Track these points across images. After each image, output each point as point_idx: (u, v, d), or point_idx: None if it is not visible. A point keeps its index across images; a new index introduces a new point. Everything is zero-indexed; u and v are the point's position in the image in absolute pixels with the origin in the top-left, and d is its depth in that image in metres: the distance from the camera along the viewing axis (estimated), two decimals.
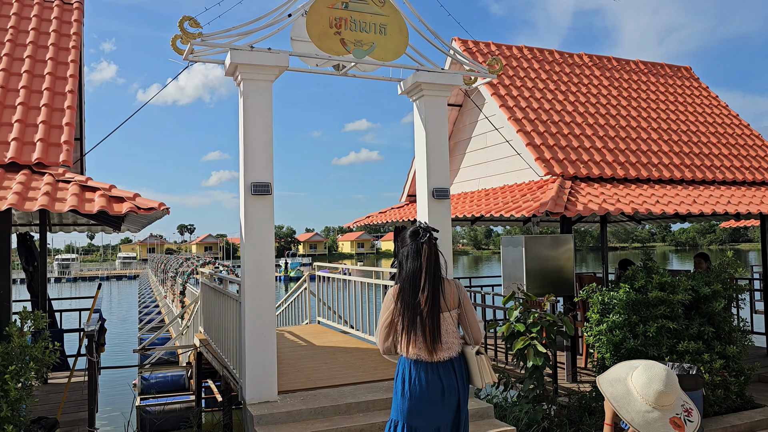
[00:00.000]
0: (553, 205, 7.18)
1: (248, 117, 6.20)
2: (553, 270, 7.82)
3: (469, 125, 10.84)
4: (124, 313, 36.75)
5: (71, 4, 8.13)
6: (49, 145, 6.09)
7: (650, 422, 2.77)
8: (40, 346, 4.71)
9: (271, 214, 6.24)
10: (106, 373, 14.64)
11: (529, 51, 11.02)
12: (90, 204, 5.14)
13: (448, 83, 7.04)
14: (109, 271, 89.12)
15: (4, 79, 6.71)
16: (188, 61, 6.33)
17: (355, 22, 6.63)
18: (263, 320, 6.10)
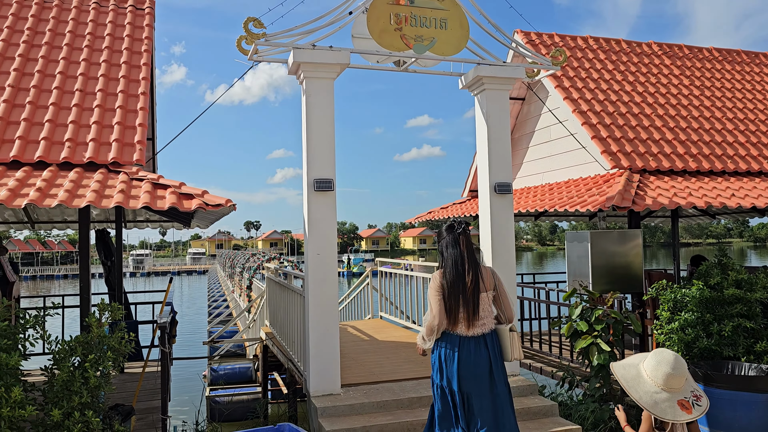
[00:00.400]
0: (621, 199, 6.97)
1: (311, 114, 6.30)
2: (621, 266, 7.61)
3: (532, 119, 10.65)
4: (195, 306, 38.03)
5: (143, 9, 8.49)
6: (123, 145, 6.39)
7: (658, 402, 3.01)
8: (116, 337, 4.95)
9: (333, 210, 6.33)
10: (177, 364, 15.22)
11: (595, 41, 10.72)
12: (161, 201, 5.35)
13: (509, 76, 6.94)
14: (180, 266, 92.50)
15: (83, 83, 7.08)
16: (253, 61, 6.50)
17: (416, 17, 6.63)
18: (326, 314, 6.20)
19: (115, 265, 9.61)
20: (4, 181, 5.48)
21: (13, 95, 6.77)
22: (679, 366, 3.07)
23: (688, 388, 3.12)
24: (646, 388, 3.09)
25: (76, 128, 6.49)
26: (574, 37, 10.65)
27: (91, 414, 4.55)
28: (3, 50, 7.39)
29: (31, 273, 78.47)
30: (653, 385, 3.08)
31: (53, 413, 4.44)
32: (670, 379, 3.05)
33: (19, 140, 6.20)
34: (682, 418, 3.02)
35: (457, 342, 4.04)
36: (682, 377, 3.09)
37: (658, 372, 3.07)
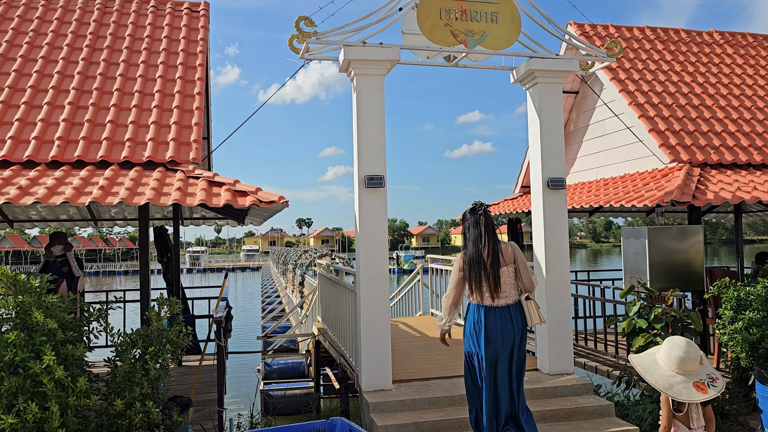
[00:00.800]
0: (680, 193, 6.75)
1: (361, 111, 6.33)
2: (680, 263, 7.38)
3: (586, 113, 10.42)
4: (249, 302, 38.83)
5: (198, 12, 8.71)
6: (180, 144, 6.57)
7: (673, 385, 3.23)
8: (174, 330, 5.10)
9: (384, 207, 6.35)
10: (233, 358, 15.58)
11: (652, 31, 10.40)
12: (217, 198, 5.48)
13: (562, 69, 6.81)
14: (234, 262, 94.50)
15: (142, 85, 7.32)
16: (304, 59, 6.57)
17: (466, 12, 6.57)
18: (378, 310, 6.23)
19: (172, 261, 9.88)
20: (69, 180, 5.72)
21: (77, 97, 7.06)
22: (691, 350, 3.29)
23: (703, 371, 3.31)
24: (662, 373, 3.30)
25: (135, 128, 6.72)
26: (630, 28, 10.35)
27: (151, 404, 4.70)
28: (67, 54, 7.71)
29: (94, 269, 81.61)
30: (668, 370, 3.30)
31: (116, 403, 4.62)
32: (684, 362, 3.27)
33: (83, 141, 6.46)
34: (696, 398, 3.20)
35: (484, 312, 4.48)
36: (696, 360, 3.30)
37: (671, 357, 3.29)
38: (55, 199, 5.10)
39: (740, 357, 6.31)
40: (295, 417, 9.98)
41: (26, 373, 4.26)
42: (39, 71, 7.36)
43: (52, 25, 8.18)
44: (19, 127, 6.52)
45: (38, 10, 8.39)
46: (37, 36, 7.97)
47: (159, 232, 10.37)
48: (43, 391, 4.30)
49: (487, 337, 4.44)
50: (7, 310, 4.53)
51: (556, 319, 6.75)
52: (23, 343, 4.35)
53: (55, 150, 6.28)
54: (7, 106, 6.81)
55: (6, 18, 8.21)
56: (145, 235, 6.18)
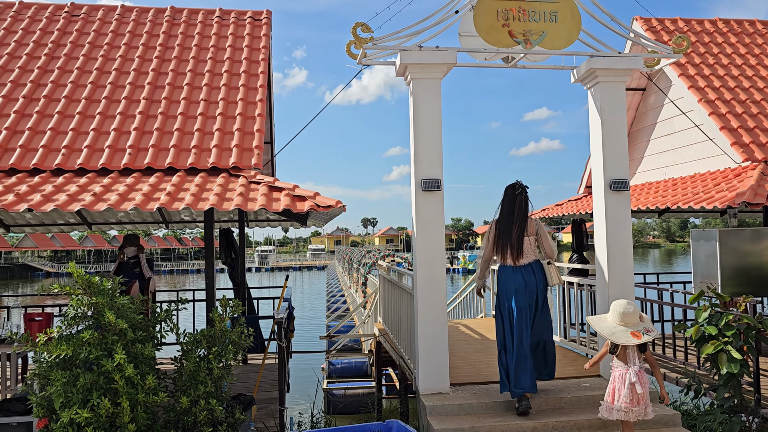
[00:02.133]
0: (753, 194, 6.44)
1: (418, 115, 6.36)
2: (755, 267, 7.05)
3: (653, 110, 10.07)
4: (314, 301, 39.49)
5: (260, 20, 8.96)
6: (242, 150, 6.79)
7: (615, 332, 4.59)
8: (237, 331, 5.28)
9: (441, 209, 6.35)
10: (298, 357, 15.89)
11: (725, 23, 9.94)
12: (276, 203, 5.64)
13: (625, 68, 6.61)
14: (301, 262, 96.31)
15: (207, 93, 7.61)
16: (362, 64, 6.66)
17: (524, 11, 6.49)
18: (435, 313, 6.24)
19: (237, 262, 10.20)
20: (139, 186, 6.02)
21: (147, 107, 7.41)
22: (630, 307, 4.69)
23: (641, 325, 4.66)
24: (608, 325, 4.69)
25: (201, 135, 6.99)
26: (701, 21, 9.94)
27: (214, 402, 4.90)
28: (138, 66, 8.11)
29: (168, 267, 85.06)
30: (613, 323, 4.68)
31: (182, 400, 4.83)
32: (624, 316, 4.63)
33: (152, 149, 6.78)
34: (632, 342, 4.55)
35: (511, 270, 5.62)
36: (635, 315, 4.66)
37: (615, 312, 4.69)
38: (126, 205, 5.38)
39: None
40: (355, 416, 10.11)
41: (99, 370, 4.53)
42: (112, 83, 7.78)
43: (125, 38, 8.62)
44: (94, 137, 6.91)
45: (112, 24, 8.86)
46: (111, 49, 8.42)
47: (225, 234, 10.72)
48: (114, 388, 4.56)
49: (517, 288, 5.55)
50: (82, 310, 4.82)
51: None
52: (97, 342, 4.62)
53: (126, 158, 6.62)
54: (83, 117, 7.23)
55: (83, 33, 8.72)
56: (210, 238, 6.42)
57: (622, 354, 4.67)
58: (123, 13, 9.07)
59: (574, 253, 11.29)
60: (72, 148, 6.78)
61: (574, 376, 6.64)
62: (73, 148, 6.78)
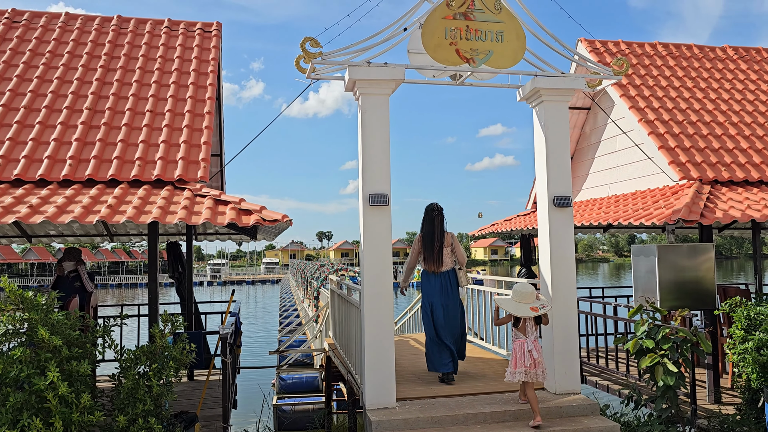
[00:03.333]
0: (688, 212, 6.69)
1: (366, 130, 6.39)
2: (691, 281, 7.29)
3: (597, 129, 10.39)
4: (267, 315, 38.99)
5: (210, 32, 8.88)
6: (189, 162, 6.70)
7: (519, 308, 5.70)
8: (178, 347, 5.17)
9: (388, 224, 6.38)
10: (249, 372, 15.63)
11: (664, 47, 10.35)
12: (222, 217, 5.57)
13: (568, 87, 6.81)
14: (254, 275, 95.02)
15: (153, 104, 7.48)
16: (311, 79, 6.67)
17: (471, 31, 6.63)
18: (382, 328, 6.25)
19: (184, 276, 9.99)
20: (79, 198, 5.86)
21: (90, 117, 7.23)
22: (527, 287, 5.86)
23: (538, 302, 5.83)
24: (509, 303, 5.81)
25: (145, 147, 6.86)
26: (642, 44, 10.32)
27: (153, 421, 4.77)
28: (82, 75, 7.92)
29: (116, 281, 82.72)
30: (514, 301, 5.80)
31: (119, 419, 4.69)
32: (524, 296, 5.78)
33: (94, 160, 6.61)
34: (531, 314, 5.73)
35: (433, 276, 6.92)
36: (531, 294, 5.81)
37: (517, 294, 5.82)
38: (64, 217, 5.22)
39: (751, 378, 6.21)
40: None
41: (31, 389, 4.36)
42: (54, 92, 7.57)
43: (68, 47, 8.41)
44: (32, 147, 6.70)
45: (55, 32, 8.63)
46: (54, 57, 8.19)
47: (172, 247, 10.49)
48: (47, 407, 4.39)
49: (434, 291, 6.89)
50: (14, 327, 4.64)
51: (563, 337, 6.71)
52: (29, 359, 4.45)
53: (66, 169, 6.44)
54: (22, 126, 7.01)
55: (24, 40, 8.47)
56: (153, 252, 6.28)
57: (522, 327, 5.82)
58: (67, 20, 8.85)
59: (522, 268, 11.50)
60: (8, 158, 6.56)
61: (518, 389, 6.73)
62: (10, 158, 6.56)
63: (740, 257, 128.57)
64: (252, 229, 7.86)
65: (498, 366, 7.91)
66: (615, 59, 7.01)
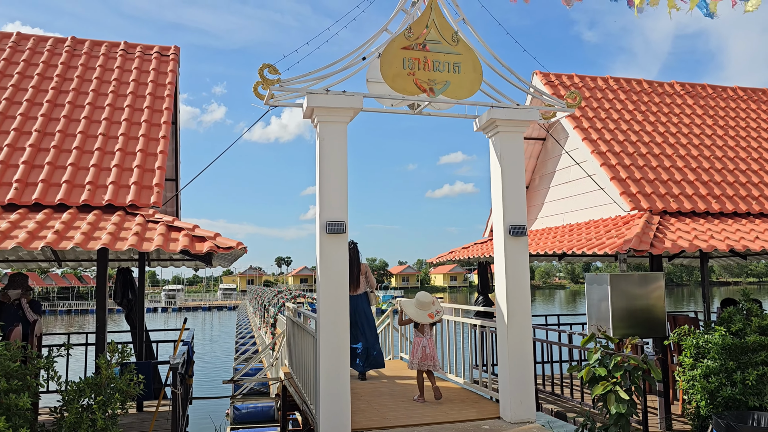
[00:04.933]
0: (638, 242, 6.85)
1: (324, 157, 6.39)
2: (642, 310, 7.43)
3: (553, 159, 10.61)
4: (223, 343, 38.15)
5: (168, 55, 8.79)
6: (142, 187, 6.55)
7: (418, 314, 7.17)
8: (125, 378, 5.00)
9: (345, 252, 6.35)
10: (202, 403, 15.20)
11: (615, 81, 10.70)
12: (174, 243, 5.45)
13: (523, 119, 6.95)
14: (210, 301, 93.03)
15: (106, 127, 7.32)
16: (269, 105, 6.64)
17: (429, 62, 6.73)
18: (337, 358, 6.17)
19: (135, 304, 9.72)
20: (24, 223, 5.65)
21: (39, 140, 7.03)
22: (426, 296, 7.41)
23: (434, 308, 7.35)
24: (413, 310, 7.24)
25: (97, 171, 6.69)
26: (594, 78, 10.65)
27: None
28: (32, 96, 7.71)
29: (66, 307, 79.95)
30: (414, 307, 7.28)
31: None
32: (423, 305, 7.28)
33: (42, 183, 6.41)
34: (428, 321, 7.28)
35: (352, 297, 8.26)
36: (429, 303, 7.33)
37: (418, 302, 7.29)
38: (7, 243, 5.03)
39: (700, 405, 6.33)
40: None
41: None
42: (2, 113, 7.34)
43: (18, 67, 8.19)
44: None
45: (5, 52, 8.40)
46: (2, 77, 7.97)
47: (122, 273, 10.21)
48: None
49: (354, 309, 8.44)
50: None
51: (518, 365, 6.74)
52: None
53: (12, 193, 6.22)
54: None
55: None
56: (102, 279, 6.09)
57: (421, 328, 7.42)
58: (18, 41, 8.63)
59: (479, 295, 11.55)
60: None
61: (475, 418, 6.72)
62: None
63: (690, 284, 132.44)
64: (207, 256, 7.73)
65: (455, 394, 7.89)
66: (568, 92, 7.20)
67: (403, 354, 11.04)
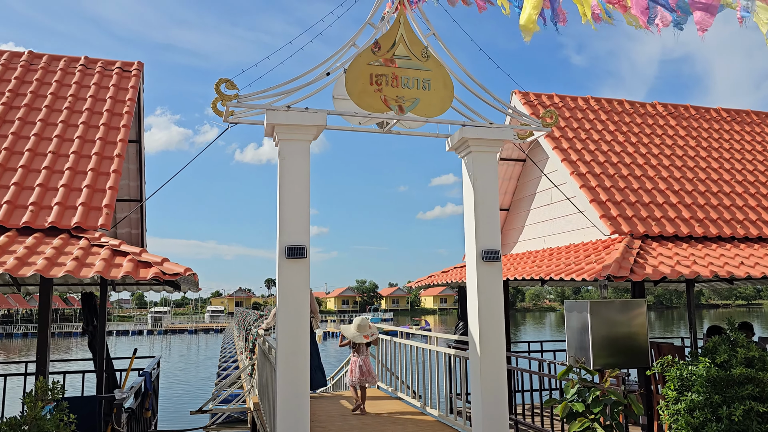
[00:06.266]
0: (617, 268, 6.51)
1: (284, 177, 6.03)
2: (624, 338, 7.08)
3: (533, 180, 10.31)
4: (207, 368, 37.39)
5: (129, 71, 8.44)
6: (90, 209, 6.16)
7: (355, 336, 8.08)
8: (55, 418, 4.56)
9: (306, 278, 5.97)
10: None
11: (596, 102, 10.46)
12: (117, 269, 5.06)
13: (497, 138, 6.64)
14: (197, 324, 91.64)
15: (57, 145, 6.93)
16: (228, 122, 6.29)
17: (397, 78, 6.41)
18: (296, 389, 5.75)
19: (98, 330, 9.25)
20: None
21: None
22: (365, 321, 8.32)
23: (370, 331, 8.15)
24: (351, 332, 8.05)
25: (42, 191, 6.30)
26: (575, 98, 10.40)
27: None
28: None
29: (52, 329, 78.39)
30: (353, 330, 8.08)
31: None
32: (360, 327, 8.09)
33: None
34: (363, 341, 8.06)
35: None
36: (366, 326, 8.19)
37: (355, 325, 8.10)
38: None
39: None
40: None
41: None
42: None
43: None
44: None
45: None
46: None
47: (86, 299, 9.75)
48: None
49: None
50: None
51: (492, 398, 6.35)
52: None
53: None
54: None
55: None
56: (44, 306, 5.66)
57: (358, 349, 8.14)
58: None
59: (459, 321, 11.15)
60: None
61: None
62: None
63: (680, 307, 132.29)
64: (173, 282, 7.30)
65: (427, 428, 7.45)
66: (545, 111, 6.91)
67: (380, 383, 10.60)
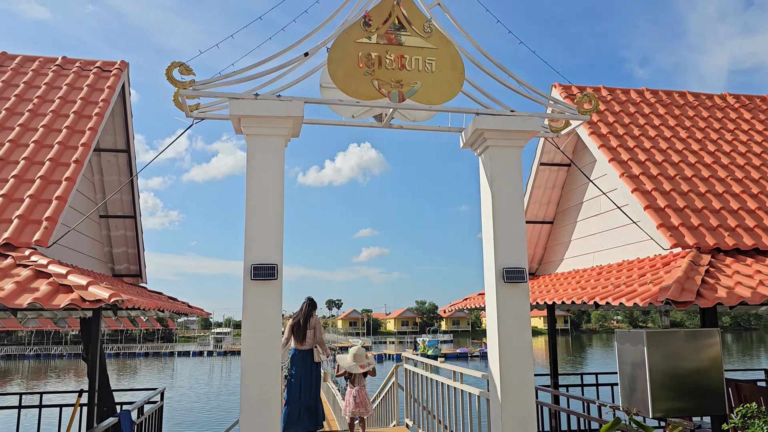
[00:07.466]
0: (679, 290, 5.06)
1: (253, 181, 4.93)
2: (692, 375, 5.61)
3: (579, 188, 8.88)
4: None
5: (109, 71, 7.57)
6: (27, 222, 5.22)
7: (351, 366, 7.73)
8: None
9: (277, 304, 4.82)
10: None
11: (653, 94, 8.95)
12: (26, 295, 4.03)
13: (519, 129, 5.34)
14: None
15: (7, 151, 6.06)
16: (192, 117, 5.27)
17: (392, 57, 5.24)
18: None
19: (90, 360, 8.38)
20: None
21: None
22: (361, 351, 7.91)
23: (366, 361, 7.79)
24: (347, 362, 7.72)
25: None
26: (627, 90, 8.94)
27: None
28: None
29: (114, 350, 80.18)
30: (349, 360, 7.73)
31: None
32: (356, 357, 7.73)
33: None
34: (359, 371, 7.69)
35: (299, 351, 7.58)
36: (362, 356, 7.80)
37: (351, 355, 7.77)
38: None
39: None
40: None
41: None
42: None
43: None
44: None
45: None
46: None
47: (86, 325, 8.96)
48: None
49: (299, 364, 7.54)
50: None
51: None
52: None
53: None
54: None
55: None
56: None
57: (353, 379, 7.68)
58: None
59: None
60: None
61: None
62: None
63: (759, 329, 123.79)
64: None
65: None
66: (580, 95, 5.57)
67: (408, 420, 9.32)
